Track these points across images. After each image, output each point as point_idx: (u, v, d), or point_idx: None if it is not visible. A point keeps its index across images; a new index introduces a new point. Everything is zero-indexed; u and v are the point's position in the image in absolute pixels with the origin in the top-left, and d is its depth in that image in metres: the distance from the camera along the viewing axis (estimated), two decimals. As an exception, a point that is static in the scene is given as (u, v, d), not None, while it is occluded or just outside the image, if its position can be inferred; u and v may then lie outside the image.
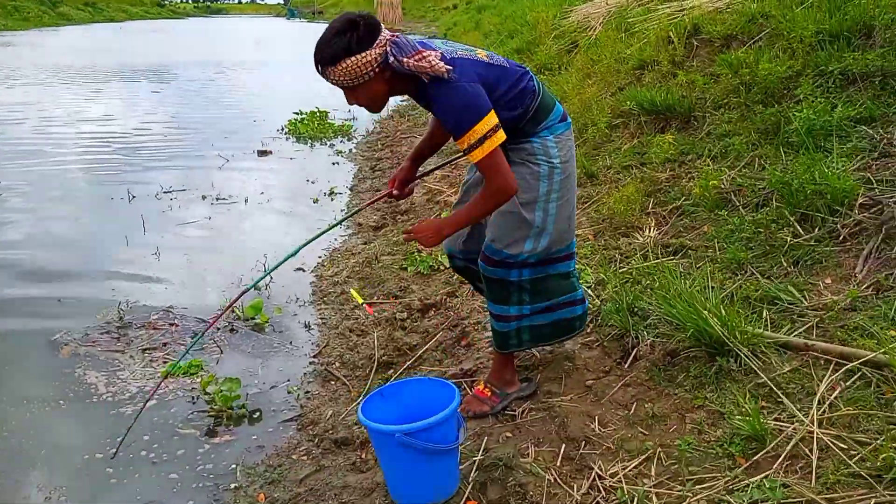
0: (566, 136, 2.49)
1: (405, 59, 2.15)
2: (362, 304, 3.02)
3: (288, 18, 73.61)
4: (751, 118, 3.95)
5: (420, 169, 2.83)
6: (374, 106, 2.33)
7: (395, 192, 2.73)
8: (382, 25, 2.19)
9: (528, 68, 2.48)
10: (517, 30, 12.14)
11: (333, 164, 7.81)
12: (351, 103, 2.32)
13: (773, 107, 3.87)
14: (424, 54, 2.17)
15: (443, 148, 2.94)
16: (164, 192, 6.49)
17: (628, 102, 4.85)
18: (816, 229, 2.98)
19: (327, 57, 2.15)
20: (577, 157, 4.75)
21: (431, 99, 2.26)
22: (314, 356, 3.58)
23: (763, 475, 1.99)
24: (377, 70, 2.17)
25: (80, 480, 2.69)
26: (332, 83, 2.23)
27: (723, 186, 3.52)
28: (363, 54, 2.13)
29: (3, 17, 45.30)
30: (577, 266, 3.59)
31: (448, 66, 2.18)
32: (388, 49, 2.16)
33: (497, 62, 2.37)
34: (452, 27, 23.50)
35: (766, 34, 4.56)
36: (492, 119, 2.20)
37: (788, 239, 2.96)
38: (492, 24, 16.57)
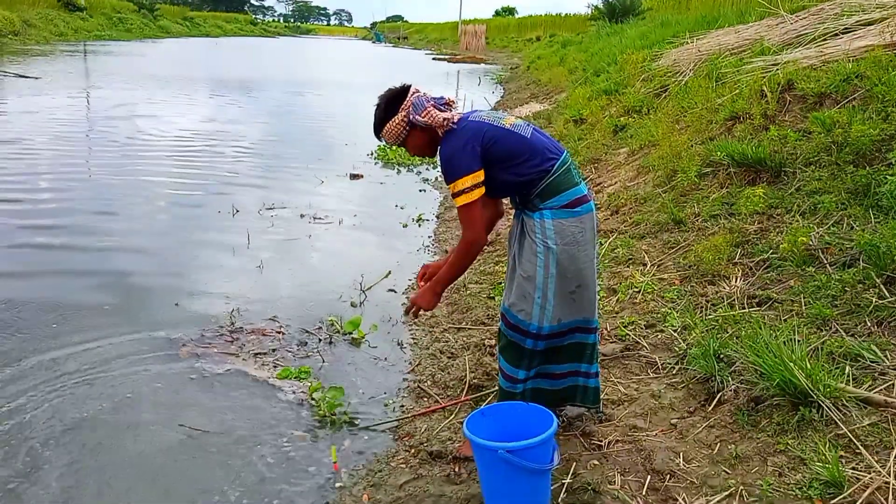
0: (570, 223, 2.63)
1: (416, 117, 2.68)
2: None
3: (373, 42, 75.89)
4: (841, 178, 4.05)
5: None
6: (426, 153, 2.84)
7: (421, 283, 3.09)
8: (411, 91, 2.73)
9: (563, 151, 2.72)
10: (604, 68, 12.34)
11: (420, 191, 8.16)
12: (412, 154, 2.87)
13: (864, 168, 3.96)
14: (429, 109, 2.66)
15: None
16: (267, 209, 6.94)
17: (719, 153, 4.98)
18: (902, 292, 3.08)
19: (375, 127, 2.80)
20: (665, 203, 4.96)
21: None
22: (407, 373, 3.85)
23: (840, 520, 2.14)
24: (408, 128, 2.73)
25: (205, 461, 3.01)
26: (389, 144, 2.85)
27: (811, 243, 3.63)
28: (392, 120, 2.72)
29: (108, 27, 48.13)
30: (663, 309, 3.79)
31: (446, 117, 2.65)
32: (409, 110, 2.69)
33: (519, 131, 2.67)
34: (537, 60, 23.87)
35: (861, 95, 4.66)
36: (478, 177, 2.60)
37: (874, 300, 3.06)
38: (577, 60, 16.77)
